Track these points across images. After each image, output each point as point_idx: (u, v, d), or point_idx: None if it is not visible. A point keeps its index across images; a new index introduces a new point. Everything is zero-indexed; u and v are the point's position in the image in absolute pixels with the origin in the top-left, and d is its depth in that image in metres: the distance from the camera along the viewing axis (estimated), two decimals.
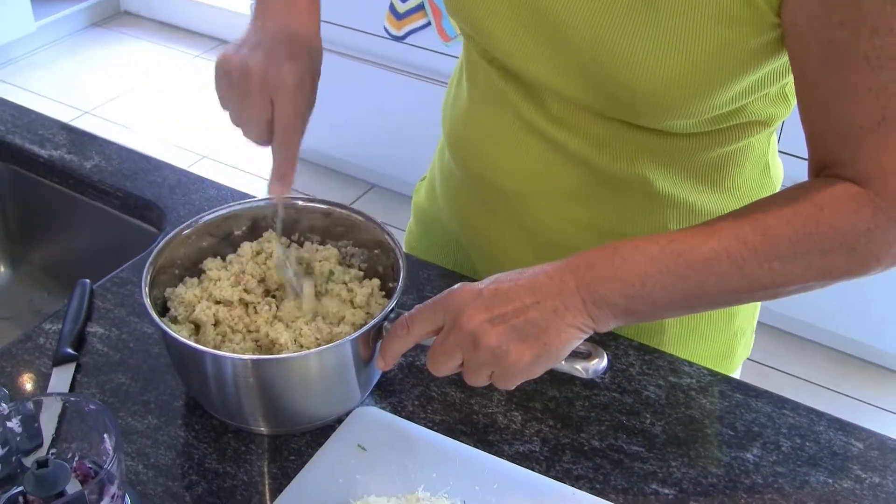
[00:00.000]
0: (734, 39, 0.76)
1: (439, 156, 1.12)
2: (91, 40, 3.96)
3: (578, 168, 0.92)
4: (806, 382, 2.41)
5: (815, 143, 0.77)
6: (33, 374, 0.92)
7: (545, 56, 0.85)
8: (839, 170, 0.75)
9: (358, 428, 0.86)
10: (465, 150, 1.01)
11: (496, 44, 0.89)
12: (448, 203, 1.10)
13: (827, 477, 0.85)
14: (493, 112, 0.95)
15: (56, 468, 0.67)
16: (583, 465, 0.85)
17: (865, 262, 0.74)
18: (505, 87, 0.93)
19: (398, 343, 0.81)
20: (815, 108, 0.76)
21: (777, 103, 0.89)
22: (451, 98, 1.06)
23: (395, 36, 2.66)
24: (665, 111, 0.82)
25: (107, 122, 3.39)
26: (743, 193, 0.94)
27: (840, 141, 0.74)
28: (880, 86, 0.70)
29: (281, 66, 0.82)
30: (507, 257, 1.01)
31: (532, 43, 0.85)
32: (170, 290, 0.91)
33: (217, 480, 0.82)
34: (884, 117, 0.70)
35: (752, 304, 1.07)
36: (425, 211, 1.17)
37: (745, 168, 0.94)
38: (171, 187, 1.19)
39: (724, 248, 0.74)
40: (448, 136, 1.05)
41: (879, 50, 0.69)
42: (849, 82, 0.71)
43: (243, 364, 0.80)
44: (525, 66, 0.88)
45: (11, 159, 1.28)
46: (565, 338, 0.76)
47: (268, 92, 0.82)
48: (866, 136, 0.72)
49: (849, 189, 0.73)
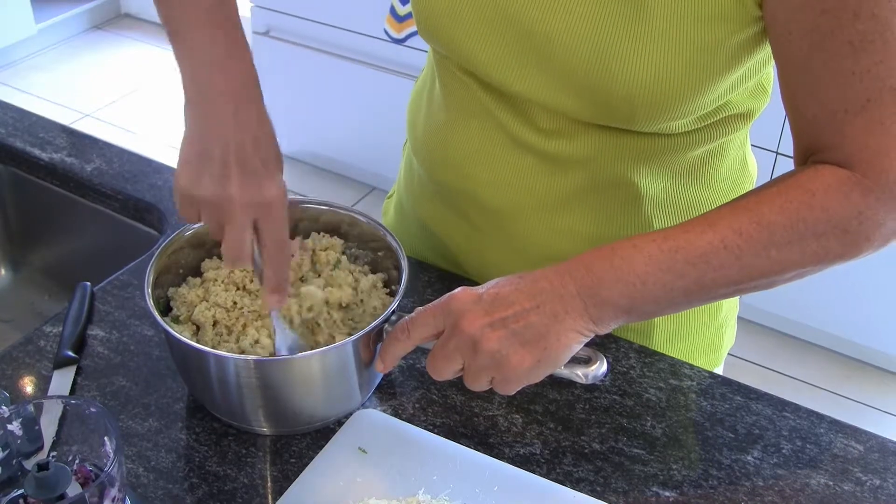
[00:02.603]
0: (721, 35, 0.77)
1: (406, 174, 1.09)
2: (92, 43, 3.96)
3: (567, 178, 0.91)
4: (807, 385, 2.41)
5: (801, 131, 0.78)
6: (34, 377, 0.92)
7: (533, 73, 0.84)
8: (826, 155, 0.75)
9: (359, 430, 0.86)
10: (446, 167, 0.98)
11: (477, 64, 0.87)
12: (424, 222, 1.07)
13: (828, 479, 0.85)
14: (475, 127, 0.93)
15: (57, 471, 0.67)
16: (583, 468, 0.85)
17: (857, 244, 0.75)
18: (487, 101, 0.91)
19: (398, 346, 0.81)
20: (799, 96, 0.76)
21: (756, 96, 0.90)
22: (421, 114, 1.02)
23: (396, 39, 2.66)
24: (661, 113, 0.82)
25: (107, 124, 3.39)
26: (724, 186, 0.95)
27: (826, 126, 0.74)
28: (864, 69, 0.71)
29: (262, 186, 0.76)
30: (493, 274, 1.00)
31: (518, 61, 0.85)
32: (173, 289, 0.91)
33: (218, 483, 0.82)
34: (868, 99, 0.71)
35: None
36: (397, 232, 1.15)
37: (725, 162, 0.95)
38: (171, 190, 1.19)
39: (720, 240, 0.74)
40: (422, 153, 1.01)
41: (862, 34, 0.70)
42: (833, 68, 0.72)
43: (246, 364, 0.80)
44: (510, 83, 0.87)
45: (12, 162, 1.28)
46: (566, 342, 0.76)
47: (252, 218, 0.77)
48: (852, 120, 0.72)
49: (837, 173, 0.74)
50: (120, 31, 4.06)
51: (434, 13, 0.87)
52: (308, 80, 2.90)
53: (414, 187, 1.08)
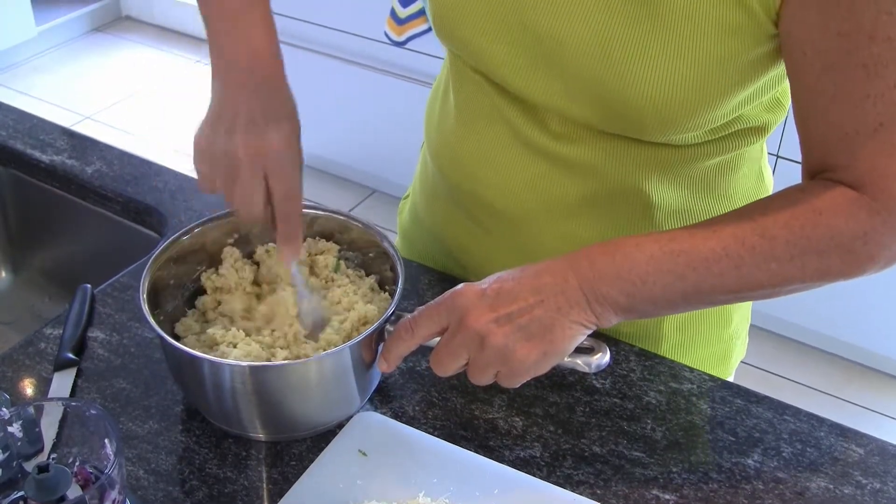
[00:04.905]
0: (735, 50, 0.77)
1: (422, 175, 1.10)
2: (92, 45, 3.96)
3: (578, 183, 0.91)
4: (807, 388, 2.41)
5: (811, 148, 0.78)
6: (34, 379, 0.92)
7: (544, 78, 0.84)
8: (835, 174, 0.75)
9: (359, 433, 0.86)
10: (457, 169, 0.98)
11: (491, 67, 0.88)
12: (435, 224, 1.08)
13: (828, 483, 0.85)
14: (487, 129, 0.94)
15: (57, 473, 0.67)
16: (584, 471, 0.85)
17: (860, 264, 0.75)
18: (499, 104, 0.91)
19: (402, 345, 0.81)
20: (811, 115, 0.76)
21: (772, 109, 0.90)
22: (435, 115, 1.03)
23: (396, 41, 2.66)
24: (671, 126, 0.82)
25: (108, 126, 3.39)
26: (738, 199, 0.95)
27: (836, 146, 0.74)
28: (878, 93, 0.70)
29: (266, 137, 0.80)
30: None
31: (530, 66, 0.85)
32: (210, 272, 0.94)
33: (218, 486, 0.82)
34: (881, 123, 0.71)
35: (746, 307, 1.08)
36: (409, 232, 1.15)
37: (740, 174, 0.94)
38: (171, 192, 1.19)
39: (723, 248, 0.74)
40: (436, 155, 1.02)
41: (877, 58, 0.69)
42: (846, 90, 0.72)
43: (241, 370, 0.80)
44: (522, 87, 0.87)
45: (12, 164, 1.28)
46: (570, 334, 0.77)
47: (260, 169, 0.80)
48: (863, 142, 0.72)
49: (845, 193, 0.74)
50: (120, 33, 4.06)
51: (449, 13, 0.88)
52: (308, 83, 2.89)
53: (427, 189, 1.08)
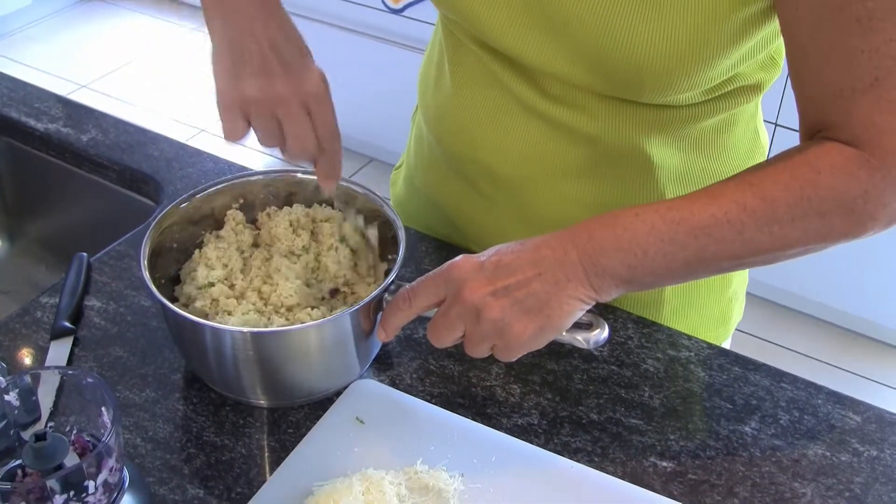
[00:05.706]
0: (729, 8, 0.76)
1: (416, 144, 1.09)
2: (88, 13, 3.93)
3: (577, 146, 0.91)
4: (805, 357, 2.42)
5: (807, 107, 0.77)
6: (31, 348, 0.92)
7: (541, 41, 0.84)
8: (832, 132, 0.75)
9: (356, 401, 0.86)
10: (455, 136, 0.98)
11: (489, 32, 0.87)
12: (433, 193, 1.07)
13: (825, 450, 0.85)
14: (484, 95, 0.93)
15: (54, 441, 0.67)
16: (581, 438, 0.85)
17: (862, 223, 0.74)
18: (496, 69, 0.91)
19: (400, 315, 0.81)
20: (806, 73, 0.75)
21: (766, 68, 0.89)
22: (430, 84, 1.02)
23: (394, 9, 2.64)
24: (669, 87, 0.82)
25: (104, 95, 3.37)
26: (736, 158, 0.95)
27: (832, 103, 0.74)
28: (872, 47, 0.69)
29: (304, 75, 0.81)
30: (500, 243, 1.00)
31: (529, 30, 0.84)
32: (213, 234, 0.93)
33: (215, 453, 0.82)
34: (877, 78, 0.70)
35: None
36: (404, 203, 1.15)
37: (737, 133, 0.94)
38: (168, 160, 1.19)
39: (723, 213, 0.74)
40: (433, 124, 1.02)
41: (871, 12, 0.69)
42: (841, 45, 0.71)
43: (242, 336, 0.80)
44: (521, 52, 0.86)
45: (7, 133, 1.27)
46: (568, 309, 0.76)
47: (305, 106, 0.81)
48: (859, 98, 0.71)
49: (844, 151, 0.73)
50: (116, 1, 4.03)
51: None
52: None
53: (423, 157, 1.07)
